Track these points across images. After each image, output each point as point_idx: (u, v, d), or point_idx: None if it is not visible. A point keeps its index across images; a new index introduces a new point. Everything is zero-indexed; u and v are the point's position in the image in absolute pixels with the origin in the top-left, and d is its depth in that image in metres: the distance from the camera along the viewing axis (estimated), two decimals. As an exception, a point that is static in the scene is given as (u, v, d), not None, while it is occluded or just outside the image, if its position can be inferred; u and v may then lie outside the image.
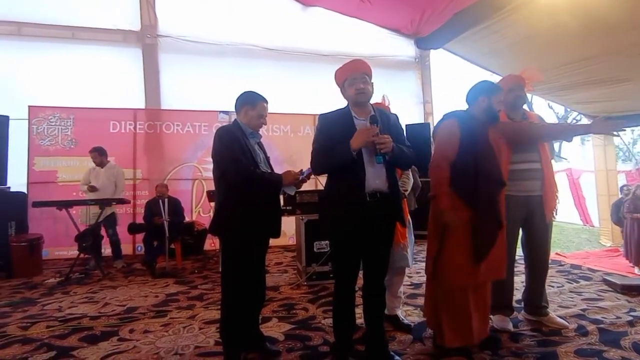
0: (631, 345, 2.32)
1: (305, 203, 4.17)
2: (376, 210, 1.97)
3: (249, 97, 2.26)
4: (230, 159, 2.07)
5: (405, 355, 2.25)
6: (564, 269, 4.36)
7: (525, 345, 2.36)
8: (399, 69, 7.24)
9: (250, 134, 2.23)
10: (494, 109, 2.25)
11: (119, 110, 5.85)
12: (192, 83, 6.15)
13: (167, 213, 4.58)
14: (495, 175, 2.22)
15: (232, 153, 2.06)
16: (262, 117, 2.25)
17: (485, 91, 2.27)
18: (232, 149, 2.07)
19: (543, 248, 2.70)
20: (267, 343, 2.36)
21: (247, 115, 2.23)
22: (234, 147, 2.08)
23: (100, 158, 4.90)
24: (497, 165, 2.24)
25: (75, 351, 2.41)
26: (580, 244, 7.17)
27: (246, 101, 2.25)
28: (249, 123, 2.23)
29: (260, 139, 2.34)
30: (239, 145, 2.10)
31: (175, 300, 3.46)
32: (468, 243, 2.15)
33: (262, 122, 2.27)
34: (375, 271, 2.12)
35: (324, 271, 3.87)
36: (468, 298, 2.21)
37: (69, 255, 5.33)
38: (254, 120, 2.23)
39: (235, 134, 2.15)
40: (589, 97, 6.72)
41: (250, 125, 2.23)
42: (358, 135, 1.94)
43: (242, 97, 2.27)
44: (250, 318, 2.25)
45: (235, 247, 2.13)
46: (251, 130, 2.24)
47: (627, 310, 2.93)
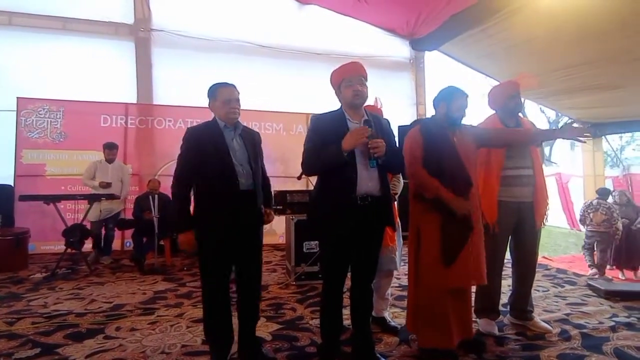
0: (612, 350, 2.36)
1: (295, 203, 4.17)
2: (367, 214, 1.98)
3: (210, 89, 2.16)
4: (177, 168, 2.13)
5: (391, 357, 2.27)
6: (550, 273, 4.43)
7: (510, 349, 2.39)
8: (393, 69, 7.26)
9: (225, 127, 2.12)
10: (452, 114, 2.30)
11: (110, 104, 5.78)
12: (185, 78, 6.10)
13: (157, 209, 4.54)
14: (460, 175, 2.23)
15: (178, 163, 2.13)
16: (227, 103, 2.09)
17: (444, 97, 2.34)
18: (182, 158, 2.11)
19: (531, 254, 2.73)
20: (263, 349, 2.28)
21: (215, 108, 2.13)
22: (184, 157, 2.10)
23: (116, 154, 4.95)
24: (461, 166, 2.25)
25: (60, 349, 2.38)
26: (567, 248, 7.28)
27: (209, 95, 2.16)
28: (219, 116, 2.13)
29: (240, 129, 2.19)
30: (196, 151, 2.06)
31: (163, 298, 3.44)
32: (439, 246, 2.19)
33: (232, 109, 2.10)
34: (363, 274, 2.14)
35: (313, 271, 3.88)
36: (445, 301, 2.24)
37: (56, 250, 5.26)
38: (222, 110, 2.10)
39: (195, 138, 2.08)
40: (581, 103, 6.82)
41: (222, 117, 2.12)
42: (349, 137, 1.93)
43: (207, 92, 2.17)
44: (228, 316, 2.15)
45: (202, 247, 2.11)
46: (224, 123, 2.12)
47: (609, 315, 2.99)
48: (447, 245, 2.18)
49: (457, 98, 2.31)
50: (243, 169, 2.10)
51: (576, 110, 7.62)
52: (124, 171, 5.08)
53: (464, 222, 2.20)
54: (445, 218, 2.20)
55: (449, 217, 2.18)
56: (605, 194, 5.39)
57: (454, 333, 2.24)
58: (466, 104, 2.32)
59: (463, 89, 2.36)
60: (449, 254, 2.18)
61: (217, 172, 2.05)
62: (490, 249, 2.63)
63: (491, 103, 2.78)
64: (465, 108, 2.32)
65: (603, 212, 5.15)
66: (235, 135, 2.16)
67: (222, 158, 2.06)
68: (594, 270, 4.84)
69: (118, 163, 5.05)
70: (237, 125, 2.18)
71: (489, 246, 2.62)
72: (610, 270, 5.14)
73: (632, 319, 2.90)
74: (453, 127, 2.33)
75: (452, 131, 2.32)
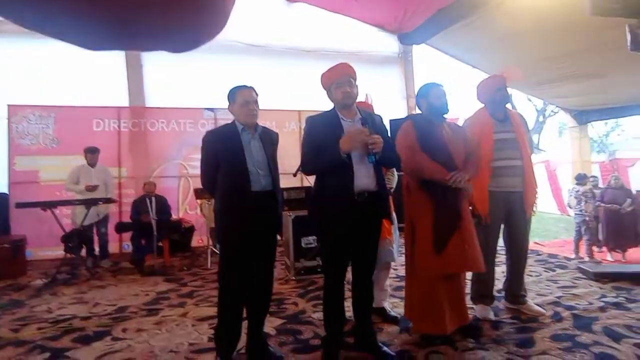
0: (602, 329, 2.48)
1: (292, 199, 4.23)
2: (365, 209, 2.06)
3: (229, 93, 2.22)
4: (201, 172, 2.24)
5: (392, 345, 2.36)
6: (542, 258, 4.57)
7: (505, 332, 2.50)
8: (382, 64, 7.32)
9: (243, 130, 2.18)
10: (434, 103, 2.45)
11: (102, 109, 5.77)
12: (176, 80, 6.08)
13: (154, 211, 4.57)
14: (448, 165, 2.35)
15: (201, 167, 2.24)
16: (245, 105, 2.15)
17: (422, 95, 2.52)
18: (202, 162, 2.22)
19: (522, 241, 2.84)
20: (270, 346, 2.31)
21: (234, 111, 2.20)
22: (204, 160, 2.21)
23: (98, 158, 4.92)
24: (449, 155, 2.39)
25: (69, 352, 2.43)
26: (557, 233, 7.46)
27: (228, 99, 2.22)
28: (238, 118, 2.19)
29: (260, 131, 2.24)
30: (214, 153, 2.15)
31: (166, 298, 3.49)
32: (432, 235, 2.31)
33: (250, 111, 2.16)
34: (363, 267, 2.22)
35: (312, 266, 3.96)
36: (439, 288, 2.34)
37: (54, 256, 5.26)
38: (240, 112, 2.16)
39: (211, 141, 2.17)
40: (567, 92, 6.97)
41: (241, 119, 2.18)
42: (347, 139, 2.00)
43: (227, 96, 2.23)
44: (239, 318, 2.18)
45: (222, 244, 2.21)
46: (243, 126, 2.18)
47: (599, 296, 3.12)
48: (438, 233, 2.30)
49: (433, 90, 2.47)
50: (259, 170, 2.15)
51: (562, 99, 7.79)
52: (107, 174, 5.06)
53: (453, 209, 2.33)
54: (436, 207, 2.32)
55: (440, 206, 2.31)
56: (582, 179, 5.58)
57: (447, 319, 2.35)
58: (443, 92, 2.47)
59: (437, 82, 2.53)
60: (439, 241, 2.29)
61: (231, 174, 2.12)
62: (483, 238, 2.74)
63: (479, 96, 2.87)
64: (443, 96, 2.46)
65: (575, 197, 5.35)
66: (253, 137, 2.20)
67: (234, 159, 2.11)
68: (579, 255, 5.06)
69: (101, 166, 5.02)
70: (257, 128, 2.23)
71: (482, 235, 2.73)
72: (600, 252, 5.31)
73: (620, 298, 3.04)
74: (440, 119, 2.46)
75: (440, 124, 2.45)
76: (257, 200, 2.11)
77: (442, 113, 2.47)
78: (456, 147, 2.44)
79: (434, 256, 2.30)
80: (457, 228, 2.34)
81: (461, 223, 2.35)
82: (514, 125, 2.74)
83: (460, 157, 2.45)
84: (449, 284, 2.40)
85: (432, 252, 2.30)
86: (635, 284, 3.37)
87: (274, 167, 2.23)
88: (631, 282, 3.41)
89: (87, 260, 4.76)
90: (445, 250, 2.30)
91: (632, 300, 2.99)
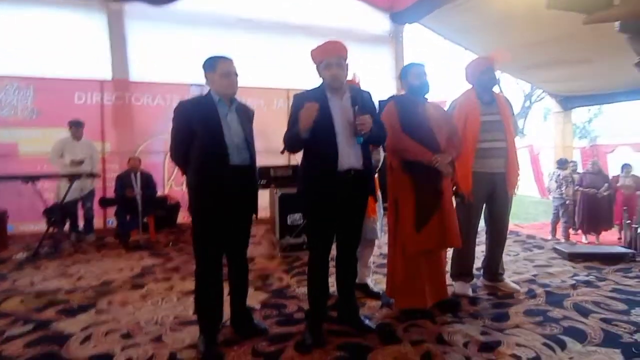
0: (572, 305, 2.61)
1: (279, 177, 4.24)
2: (350, 187, 2.08)
3: (207, 62, 2.10)
4: (171, 144, 2.13)
5: (374, 319, 2.44)
6: (521, 239, 4.72)
7: (482, 307, 2.61)
8: (373, 43, 7.22)
9: (219, 101, 2.09)
10: (413, 83, 2.50)
11: (84, 82, 5.57)
12: (162, 53, 5.90)
13: (139, 187, 4.53)
14: (430, 144, 2.39)
15: (172, 139, 2.11)
16: (226, 76, 2.07)
17: (402, 76, 2.58)
18: (173, 134, 2.10)
19: (503, 221, 2.92)
20: (255, 320, 2.34)
21: (213, 82, 2.09)
22: (176, 132, 2.08)
23: (82, 132, 4.81)
24: (431, 134, 2.43)
25: (53, 323, 2.44)
26: (537, 215, 7.69)
27: (207, 67, 2.10)
28: (217, 89, 2.09)
29: (236, 104, 2.16)
30: (188, 123, 2.03)
31: (152, 273, 3.51)
32: (413, 214, 2.37)
33: (230, 82, 2.08)
34: (348, 243, 2.27)
35: (298, 243, 4.01)
36: (420, 265, 2.43)
37: (36, 230, 5.19)
38: (220, 83, 2.07)
39: (185, 112, 2.05)
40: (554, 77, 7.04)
41: (220, 91, 2.09)
42: (302, 117, 1.98)
43: (204, 65, 2.12)
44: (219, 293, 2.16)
45: (196, 221, 2.11)
46: (219, 97, 2.09)
47: (571, 275, 3.26)
48: (420, 212, 2.37)
49: (412, 70, 2.51)
50: (237, 144, 2.08)
51: (549, 84, 7.88)
52: (92, 148, 4.99)
53: (433, 188, 2.39)
54: (418, 187, 2.38)
55: (422, 185, 2.37)
56: (563, 164, 5.75)
57: (427, 294, 2.44)
58: (423, 71, 2.49)
59: (417, 62, 2.55)
60: (420, 220, 2.37)
61: (207, 146, 2.03)
62: (465, 217, 2.82)
63: (467, 77, 2.89)
64: (423, 75, 2.48)
65: (555, 181, 5.52)
66: (230, 110, 2.13)
67: (212, 132, 2.03)
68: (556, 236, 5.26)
69: (86, 140, 4.93)
70: (233, 101, 2.16)
71: (464, 214, 2.81)
72: (575, 234, 5.53)
73: (591, 277, 3.19)
74: (421, 99, 2.50)
75: (422, 104, 2.48)
76: (235, 174, 2.06)
77: (422, 92, 2.50)
78: (438, 127, 2.48)
79: (415, 234, 2.38)
80: (437, 207, 2.40)
81: (442, 202, 2.42)
82: (499, 108, 2.78)
83: (443, 137, 2.49)
84: (429, 261, 2.48)
85: (414, 230, 2.38)
86: (605, 264, 3.53)
87: (251, 142, 2.17)
88: (601, 262, 3.58)
89: (70, 235, 4.72)
90: (426, 228, 2.37)
91: (602, 279, 3.14)
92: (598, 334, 2.19)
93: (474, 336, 2.18)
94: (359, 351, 2.03)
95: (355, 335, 2.20)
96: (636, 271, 3.35)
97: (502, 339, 2.15)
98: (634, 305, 2.60)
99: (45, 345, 2.17)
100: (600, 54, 5.51)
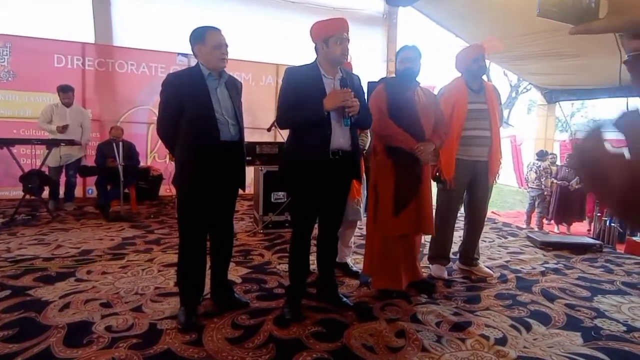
0: (540, 291, 2.74)
1: (264, 154, 4.22)
2: (337, 167, 2.10)
3: (196, 33, 2.02)
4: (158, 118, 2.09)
5: (352, 297, 2.51)
6: (497, 226, 4.87)
7: (456, 290, 2.72)
8: (366, 23, 7.13)
9: (209, 75, 2.04)
10: (398, 69, 2.52)
11: (65, 43, 5.35)
12: (148, 19, 5.70)
13: (121, 157, 4.44)
14: (414, 129, 2.43)
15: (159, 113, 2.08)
16: (217, 48, 1.99)
17: (395, 58, 2.59)
18: (162, 107, 2.06)
19: (482, 208, 3.01)
20: (236, 294, 2.38)
21: (202, 54, 2.02)
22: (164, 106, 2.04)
23: (72, 98, 4.67)
24: (417, 119, 2.46)
25: (31, 290, 2.42)
26: (514, 204, 7.93)
27: (195, 39, 2.02)
28: (207, 62, 2.03)
29: (226, 78, 2.11)
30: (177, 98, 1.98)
31: (132, 244, 3.49)
32: (392, 199, 2.42)
33: (222, 55, 2.02)
34: (330, 223, 2.30)
35: (280, 220, 4.04)
36: (397, 247, 2.51)
37: (11, 196, 5.07)
38: (210, 56, 2.00)
39: (174, 85, 1.99)
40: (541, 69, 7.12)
41: (209, 64, 2.02)
42: (332, 97, 1.99)
43: (191, 36, 2.04)
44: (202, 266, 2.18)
45: (183, 196, 2.10)
46: (209, 71, 2.03)
47: (542, 262, 3.41)
48: (398, 197, 2.42)
49: (401, 53, 2.51)
50: (227, 119, 2.06)
51: (536, 76, 7.96)
52: (84, 115, 4.86)
53: (413, 174, 2.43)
54: (399, 172, 2.42)
55: (402, 171, 2.41)
56: (542, 156, 5.91)
57: (403, 276, 2.53)
58: (411, 56, 2.47)
59: (410, 44, 2.53)
60: (398, 205, 2.42)
61: (197, 122, 1.99)
62: (445, 202, 2.90)
63: (457, 65, 2.90)
64: (410, 60, 2.47)
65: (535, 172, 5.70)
66: (220, 84, 2.08)
67: (202, 107, 1.99)
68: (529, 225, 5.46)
69: (77, 107, 4.81)
70: (222, 74, 2.10)
71: (445, 200, 2.89)
72: (548, 224, 5.74)
73: (560, 265, 3.34)
74: (413, 83, 2.50)
75: (413, 88, 2.49)
76: (225, 150, 2.04)
77: (407, 78, 2.49)
78: (426, 113, 2.50)
79: (393, 218, 2.43)
80: (416, 194, 2.46)
81: (420, 189, 2.48)
82: (487, 97, 2.81)
83: (429, 124, 2.52)
84: (404, 243, 2.56)
85: (391, 215, 2.43)
86: (574, 253, 3.70)
87: (240, 117, 2.14)
88: (571, 252, 3.75)
89: (48, 203, 4.62)
90: (403, 213, 2.43)
91: (570, 267, 3.29)
92: (562, 318, 2.31)
93: (447, 316, 2.27)
94: (336, 327, 2.10)
95: (333, 311, 2.27)
96: (602, 261, 3.53)
97: (473, 319, 2.25)
98: (597, 292, 2.75)
99: (22, 311, 2.15)
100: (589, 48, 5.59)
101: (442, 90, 2.89)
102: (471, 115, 2.76)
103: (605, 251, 3.87)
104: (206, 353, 1.81)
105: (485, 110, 2.79)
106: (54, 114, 4.59)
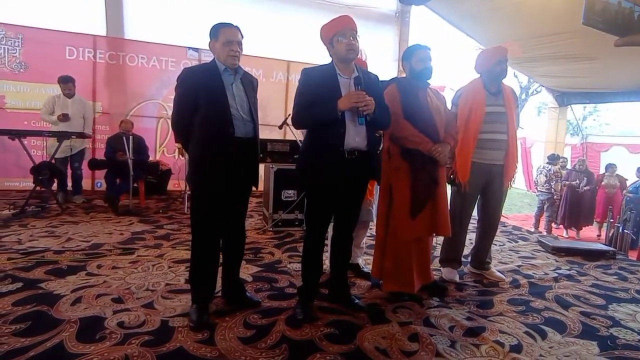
0: (553, 297, 2.70)
1: (276, 152, 4.20)
2: (353, 168, 2.07)
3: (211, 30, 2.04)
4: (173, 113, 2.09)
5: (363, 298, 2.48)
6: (507, 230, 4.83)
7: (468, 294, 2.69)
8: (378, 21, 7.07)
9: (225, 70, 2.04)
10: (415, 67, 2.44)
11: (77, 35, 5.35)
12: (160, 13, 5.68)
13: (131, 151, 4.44)
14: (429, 131, 2.38)
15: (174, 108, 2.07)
16: (227, 45, 1.99)
17: (405, 57, 2.51)
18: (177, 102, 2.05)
19: (496, 212, 2.97)
20: (247, 292, 2.35)
21: (216, 50, 2.04)
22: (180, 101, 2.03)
23: (73, 89, 4.64)
24: (432, 121, 2.41)
25: (42, 284, 2.42)
26: (521, 207, 7.88)
27: (211, 35, 2.05)
28: (220, 58, 2.04)
29: (241, 74, 2.10)
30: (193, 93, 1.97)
31: (142, 239, 3.49)
32: (409, 200, 2.38)
33: (232, 51, 2.01)
34: (345, 224, 2.27)
35: (290, 219, 4.03)
36: (410, 250, 2.47)
37: (22, 187, 5.10)
38: (222, 51, 2.01)
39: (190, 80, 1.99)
40: (553, 71, 7.04)
41: (222, 60, 2.03)
42: (347, 99, 1.97)
43: (209, 33, 2.06)
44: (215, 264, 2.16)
45: (197, 193, 2.09)
46: (225, 66, 2.03)
47: (554, 268, 3.37)
48: (416, 199, 2.38)
49: (416, 53, 2.44)
50: (242, 114, 2.05)
51: (547, 78, 7.87)
52: (86, 107, 4.85)
53: (430, 177, 2.39)
54: (415, 174, 2.38)
55: (419, 173, 2.37)
56: (554, 160, 5.85)
57: (415, 279, 2.49)
58: (427, 56, 2.42)
59: (422, 44, 2.47)
60: (416, 207, 2.38)
61: (212, 116, 1.98)
62: (459, 205, 2.86)
63: (478, 66, 2.84)
64: (427, 60, 2.42)
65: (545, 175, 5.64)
66: (235, 80, 2.07)
67: (217, 102, 1.98)
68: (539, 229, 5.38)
69: (79, 98, 4.78)
70: (238, 70, 2.09)
71: (459, 203, 2.85)
72: (557, 229, 5.69)
73: (572, 271, 3.30)
74: (423, 83, 2.46)
75: (424, 89, 2.45)
76: (239, 147, 2.02)
77: (424, 78, 2.45)
78: (438, 114, 2.46)
79: (410, 220, 2.39)
80: (432, 195, 2.42)
81: (436, 190, 2.44)
82: (505, 100, 2.76)
83: (442, 125, 2.48)
84: (417, 246, 2.52)
85: (408, 217, 2.39)
86: (586, 260, 3.65)
87: (255, 113, 2.12)
88: (583, 258, 3.70)
89: (58, 195, 4.64)
90: (420, 215, 2.39)
91: (583, 274, 3.25)
92: (577, 327, 2.28)
93: (460, 321, 2.24)
94: (349, 329, 2.07)
95: (345, 313, 2.24)
96: (615, 268, 3.48)
97: (487, 325, 2.22)
98: (612, 300, 2.71)
99: (34, 304, 2.15)
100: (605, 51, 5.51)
101: (460, 92, 2.84)
102: (489, 118, 2.71)
103: (619, 258, 3.81)
104: (219, 352, 1.80)
105: (503, 113, 2.74)
106: (56, 105, 4.59)
